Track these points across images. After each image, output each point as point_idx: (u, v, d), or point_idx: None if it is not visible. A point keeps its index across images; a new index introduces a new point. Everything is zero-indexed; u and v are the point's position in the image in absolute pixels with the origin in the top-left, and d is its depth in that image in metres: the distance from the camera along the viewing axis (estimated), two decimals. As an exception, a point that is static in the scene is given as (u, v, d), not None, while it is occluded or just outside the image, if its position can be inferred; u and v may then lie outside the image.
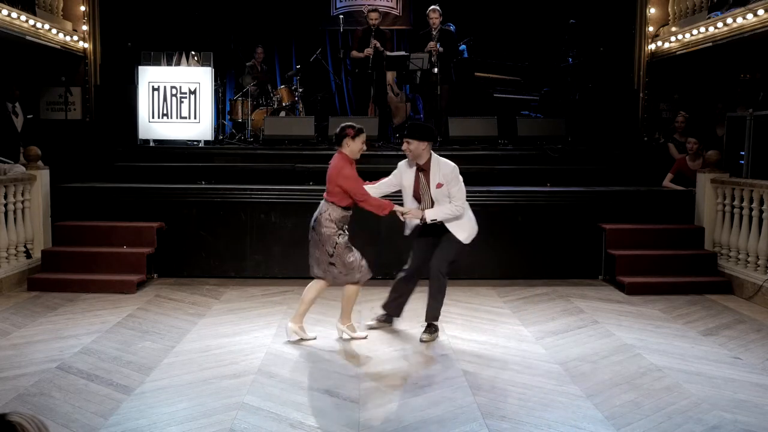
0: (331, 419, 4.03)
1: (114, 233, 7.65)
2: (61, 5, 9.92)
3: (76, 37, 10.09)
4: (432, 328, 5.65)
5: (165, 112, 9.57)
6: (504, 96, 10.68)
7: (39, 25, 8.94)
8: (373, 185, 5.62)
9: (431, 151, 5.50)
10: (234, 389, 4.46)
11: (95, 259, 7.42)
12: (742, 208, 7.33)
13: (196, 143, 9.67)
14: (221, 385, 4.53)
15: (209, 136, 9.65)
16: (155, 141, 9.65)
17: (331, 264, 5.35)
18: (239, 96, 10.56)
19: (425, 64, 9.46)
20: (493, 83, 10.82)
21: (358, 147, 5.35)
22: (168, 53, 9.90)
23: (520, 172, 8.89)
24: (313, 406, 4.23)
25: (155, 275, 7.69)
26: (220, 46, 11.14)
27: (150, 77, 9.59)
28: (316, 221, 5.38)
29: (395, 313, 5.96)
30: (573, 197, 8.03)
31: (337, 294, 6.97)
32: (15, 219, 7.31)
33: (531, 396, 4.41)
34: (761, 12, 7.71)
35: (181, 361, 5.01)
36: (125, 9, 10.68)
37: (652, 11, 10.30)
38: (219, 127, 10.31)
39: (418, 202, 5.56)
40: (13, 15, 8.29)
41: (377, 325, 5.91)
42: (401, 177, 5.59)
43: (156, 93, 9.56)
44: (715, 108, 9.68)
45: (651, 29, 10.33)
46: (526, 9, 11.53)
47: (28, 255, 7.53)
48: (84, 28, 10.27)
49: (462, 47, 10.76)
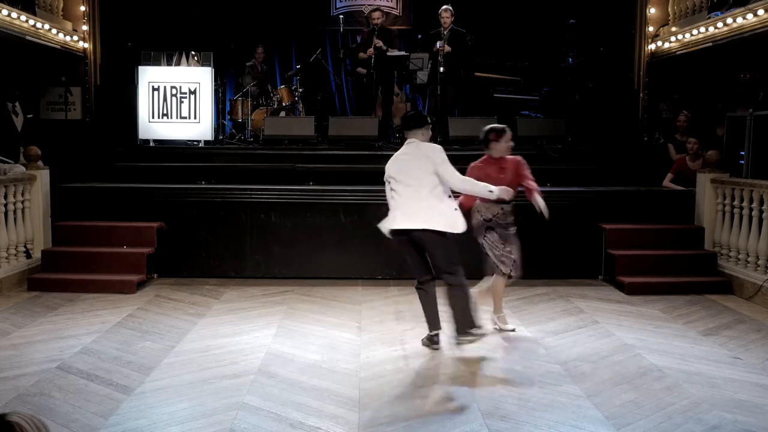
0: (331, 419, 4.03)
1: (114, 233, 7.65)
2: (61, 5, 9.91)
3: (76, 37, 10.09)
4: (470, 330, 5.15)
5: (165, 112, 9.57)
6: (504, 96, 10.68)
7: (39, 25, 8.94)
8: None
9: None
10: (234, 389, 4.46)
11: (95, 259, 7.41)
12: (742, 208, 7.33)
13: (196, 143, 9.67)
14: (221, 385, 4.53)
15: (209, 136, 9.65)
16: (155, 141, 9.66)
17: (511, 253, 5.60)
18: (239, 96, 10.56)
19: (425, 64, 9.45)
20: (493, 83, 10.82)
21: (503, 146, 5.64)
22: (168, 53, 9.90)
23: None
24: (313, 406, 4.22)
25: (155, 275, 7.69)
26: (220, 46, 11.14)
27: (150, 77, 9.59)
28: (503, 216, 5.54)
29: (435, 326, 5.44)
30: (573, 197, 8.03)
31: (338, 295, 6.98)
32: (15, 219, 7.30)
33: (531, 396, 4.41)
34: (761, 12, 7.71)
35: (181, 361, 5.01)
36: (125, 9, 10.69)
37: (652, 11, 10.30)
38: (219, 127, 10.31)
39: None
40: (13, 15, 8.29)
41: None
42: None
43: (156, 93, 9.56)
44: (715, 108, 9.68)
45: (651, 29, 10.33)
46: (526, 9, 11.53)
47: (28, 255, 7.53)
48: (84, 28, 10.27)
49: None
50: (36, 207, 7.67)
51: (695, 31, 9.11)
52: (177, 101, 9.56)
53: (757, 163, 7.58)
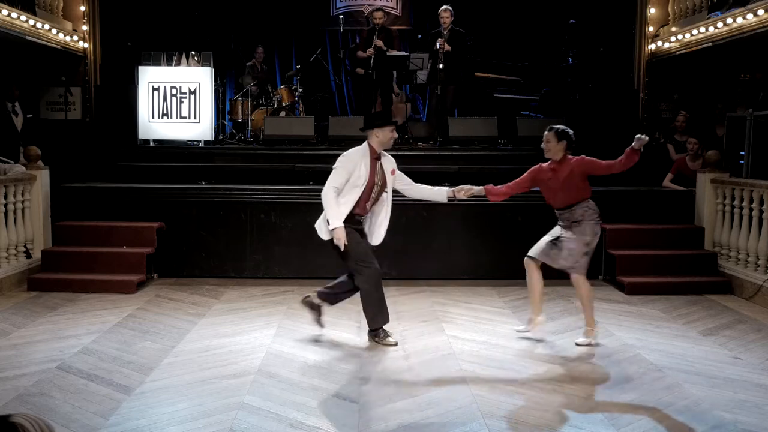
0: (331, 419, 4.03)
1: (114, 233, 7.65)
2: (61, 5, 9.91)
3: (76, 37, 10.09)
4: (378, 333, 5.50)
5: (165, 112, 9.57)
6: (504, 96, 10.67)
7: (39, 25, 8.94)
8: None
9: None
10: (234, 389, 4.46)
11: (95, 259, 7.42)
12: (742, 208, 7.33)
13: (196, 143, 9.67)
14: (221, 385, 4.53)
15: (209, 136, 9.65)
16: (155, 141, 9.66)
17: (586, 254, 5.47)
18: (239, 96, 10.56)
19: (425, 64, 9.45)
20: (493, 83, 10.81)
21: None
22: (168, 53, 9.90)
23: (520, 172, 8.76)
24: (313, 406, 4.22)
25: (155, 275, 7.69)
26: (220, 46, 11.14)
27: (150, 77, 9.59)
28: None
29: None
30: (573, 197, 8.01)
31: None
32: (15, 219, 7.31)
33: (531, 396, 4.41)
34: (761, 12, 7.71)
35: (181, 361, 5.01)
36: (125, 9, 10.69)
37: (652, 11, 10.30)
38: (219, 127, 10.31)
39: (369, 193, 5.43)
40: (13, 15, 8.29)
41: None
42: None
43: (156, 93, 9.56)
44: (715, 108, 9.68)
45: (651, 29, 10.33)
46: (526, 9, 11.53)
47: (28, 255, 7.53)
48: (84, 28, 10.27)
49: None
50: (36, 207, 7.67)
51: (695, 31, 9.11)
52: (177, 101, 9.56)
53: (757, 163, 7.58)
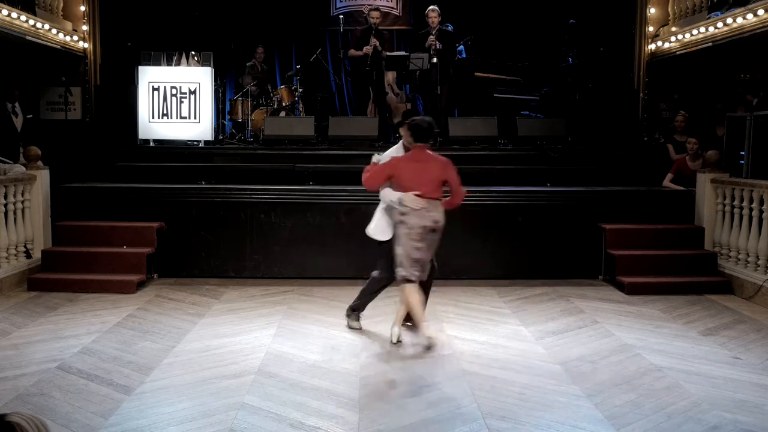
0: (331, 419, 4.03)
1: (114, 233, 7.65)
2: (61, 5, 9.91)
3: (76, 37, 10.09)
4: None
5: (165, 112, 9.57)
6: (504, 96, 10.68)
7: (39, 25, 8.94)
8: None
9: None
10: (234, 389, 4.46)
11: (95, 259, 7.42)
12: (742, 208, 7.33)
13: (196, 143, 9.67)
14: (221, 385, 4.53)
15: (209, 136, 9.65)
16: (155, 141, 9.66)
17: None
18: (239, 96, 10.56)
19: (425, 64, 9.46)
20: (493, 83, 10.82)
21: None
22: (168, 53, 9.90)
23: (520, 172, 8.89)
24: (313, 406, 4.23)
25: (155, 275, 7.69)
26: (220, 46, 11.15)
27: (150, 77, 9.59)
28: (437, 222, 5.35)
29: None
30: (573, 197, 8.03)
31: (338, 295, 6.98)
32: (15, 219, 7.31)
33: (531, 396, 4.42)
34: (761, 12, 7.71)
35: (181, 361, 5.01)
36: (125, 9, 10.68)
37: (652, 11, 10.29)
38: (219, 127, 10.32)
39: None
40: (13, 15, 8.29)
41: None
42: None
43: (156, 93, 9.56)
44: (715, 108, 9.68)
45: (651, 29, 10.32)
46: (526, 9, 11.54)
47: (28, 255, 7.53)
48: (84, 28, 10.26)
49: (459, 47, 10.77)
50: (36, 207, 7.67)
51: (695, 31, 9.11)
52: (177, 101, 9.56)
53: (757, 163, 7.58)
